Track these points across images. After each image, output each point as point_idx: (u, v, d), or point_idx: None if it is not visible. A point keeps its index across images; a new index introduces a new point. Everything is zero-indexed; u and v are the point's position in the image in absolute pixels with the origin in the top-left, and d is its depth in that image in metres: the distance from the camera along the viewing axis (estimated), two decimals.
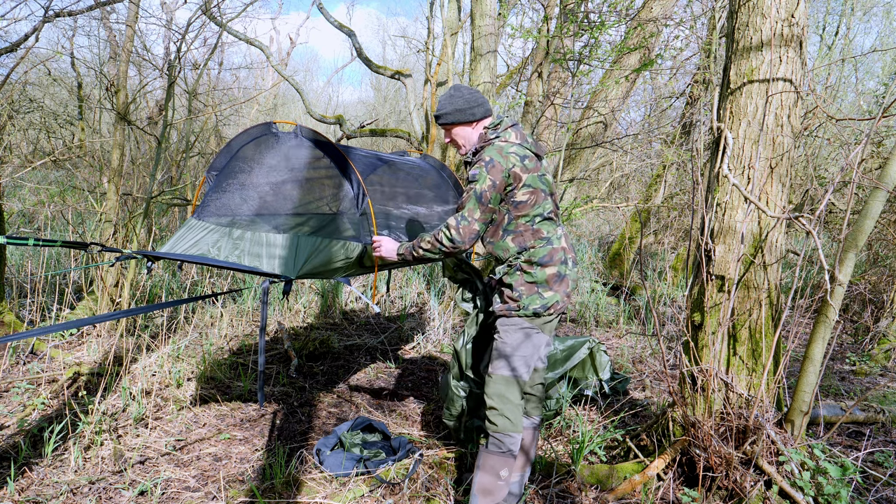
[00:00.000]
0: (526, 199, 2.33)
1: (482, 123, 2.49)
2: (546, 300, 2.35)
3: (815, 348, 2.50)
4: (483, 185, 2.29)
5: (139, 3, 4.85)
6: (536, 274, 2.35)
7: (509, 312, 2.38)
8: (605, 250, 9.36)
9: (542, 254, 2.36)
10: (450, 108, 2.46)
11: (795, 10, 2.54)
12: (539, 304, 2.34)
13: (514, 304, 2.36)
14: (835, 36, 10.53)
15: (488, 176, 2.28)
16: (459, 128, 2.48)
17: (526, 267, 2.36)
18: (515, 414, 2.35)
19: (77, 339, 4.41)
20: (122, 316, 2.79)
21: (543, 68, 6.17)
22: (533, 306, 2.34)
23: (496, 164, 2.28)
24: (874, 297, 5.72)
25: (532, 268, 2.35)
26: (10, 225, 6.81)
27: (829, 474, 2.39)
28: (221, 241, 2.91)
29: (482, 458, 2.36)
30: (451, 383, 2.96)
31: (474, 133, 2.49)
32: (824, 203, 2.42)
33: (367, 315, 5.71)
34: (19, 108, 9.44)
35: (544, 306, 2.35)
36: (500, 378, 2.37)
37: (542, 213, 2.38)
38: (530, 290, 2.35)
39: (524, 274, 2.36)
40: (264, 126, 3.16)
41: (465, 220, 2.34)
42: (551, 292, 2.36)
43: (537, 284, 2.35)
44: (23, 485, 2.58)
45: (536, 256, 2.36)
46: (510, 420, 2.33)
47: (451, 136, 2.53)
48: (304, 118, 16.24)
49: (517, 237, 2.37)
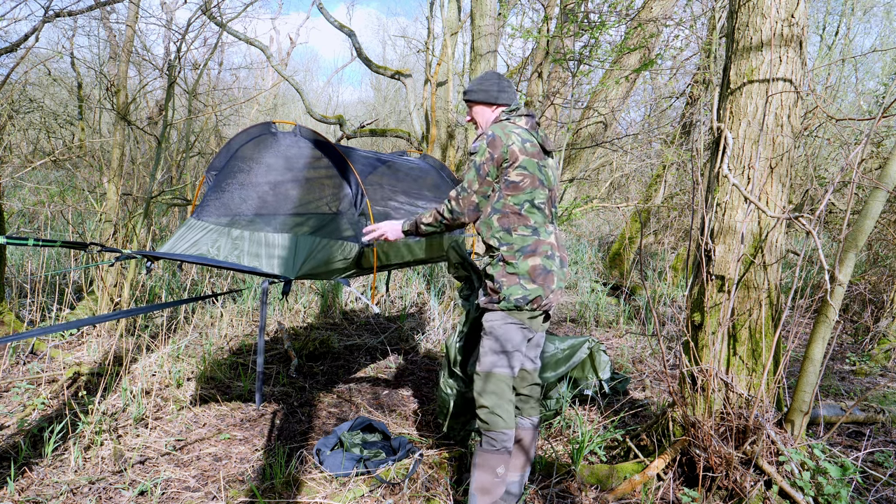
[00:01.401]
0: (518, 180, 2.33)
1: (501, 109, 2.53)
2: (528, 292, 2.31)
3: (815, 348, 2.50)
4: (482, 157, 2.33)
5: (139, 3, 4.84)
6: (518, 265, 2.32)
7: (490, 305, 2.36)
8: (605, 250, 9.36)
9: (526, 243, 2.34)
10: (476, 87, 2.55)
11: (795, 10, 2.54)
12: (520, 294, 2.31)
13: (496, 295, 2.34)
14: (835, 36, 10.52)
15: (487, 149, 2.32)
16: (480, 107, 2.55)
17: (507, 257, 2.33)
18: (506, 410, 2.32)
19: (77, 339, 4.41)
20: (122, 316, 2.79)
21: (543, 68, 6.17)
22: (514, 296, 2.30)
23: (496, 139, 2.32)
24: (874, 297, 5.72)
25: (514, 257, 2.32)
26: (10, 225, 6.81)
27: (829, 474, 2.39)
28: (221, 241, 2.91)
29: (477, 457, 2.36)
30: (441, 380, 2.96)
31: (492, 115, 2.54)
32: (824, 203, 2.42)
33: (367, 315, 5.71)
34: (19, 108, 9.44)
35: (525, 298, 2.31)
36: (486, 375, 2.36)
37: (533, 201, 2.36)
38: (511, 282, 2.32)
39: (506, 265, 2.33)
40: (263, 126, 3.16)
41: (464, 192, 2.37)
42: (534, 285, 2.32)
43: (518, 276, 2.32)
44: (23, 485, 2.57)
45: (517, 244, 2.33)
46: (501, 417, 2.31)
47: (471, 113, 2.61)
48: (305, 118, 16.24)
49: (503, 217, 2.35)
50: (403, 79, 7.54)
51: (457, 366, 2.86)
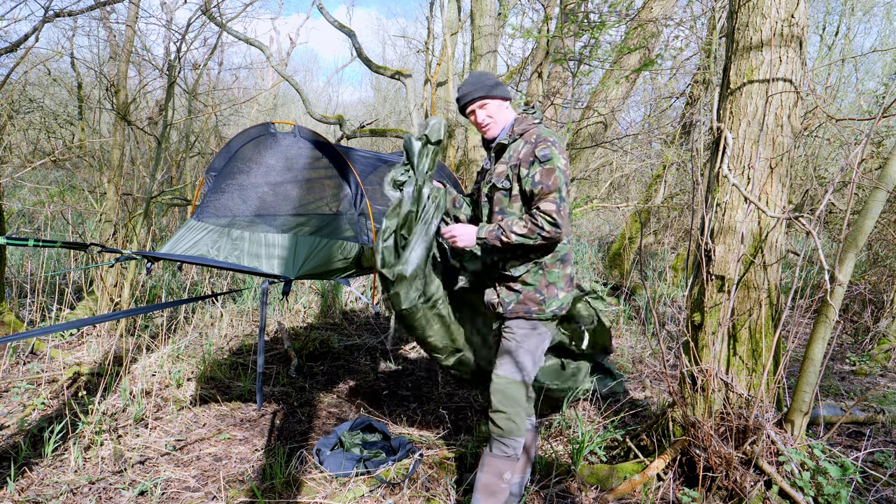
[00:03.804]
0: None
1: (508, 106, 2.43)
2: (561, 301, 2.33)
3: (815, 348, 2.50)
4: (560, 162, 2.18)
5: (139, 3, 4.84)
6: (556, 272, 2.31)
7: (528, 315, 2.31)
8: (605, 250, 9.35)
9: (565, 251, 2.34)
10: (488, 83, 2.35)
11: (795, 10, 2.54)
12: (556, 306, 2.32)
13: (537, 307, 2.30)
14: (835, 36, 10.52)
15: (560, 156, 2.19)
16: (499, 102, 2.37)
17: (550, 265, 2.30)
18: (521, 418, 2.31)
19: (77, 339, 4.41)
20: (122, 316, 2.79)
21: (543, 68, 6.17)
22: (551, 308, 2.31)
23: (559, 145, 2.22)
24: (874, 297, 5.72)
25: (555, 266, 2.31)
26: (10, 225, 6.80)
27: (829, 474, 2.39)
28: (221, 242, 2.91)
29: (486, 461, 2.33)
30: None
31: (506, 113, 2.39)
32: (824, 203, 2.41)
33: (367, 315, 5.71)
34: (19, 108, 9.44)
35: (560, 308, 2.33)
36: (509, 381, 2.30)
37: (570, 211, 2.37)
38: (551, 293, 2.31)
39: (546, 274, 2.30)
40: (263, 126, 3.16)
41: (563, 202, 2.17)
42: (564, 293, 2.34)
43: (556, 286, 2.32)
44: (23, 485, 2.57)
45: (561, 253, 2.32)
46: (516, 424, 2.29)
47: (485, 110, 2.36)
48: (305, 118, 16.24)
49: None
50: (403, 79, 7.54)
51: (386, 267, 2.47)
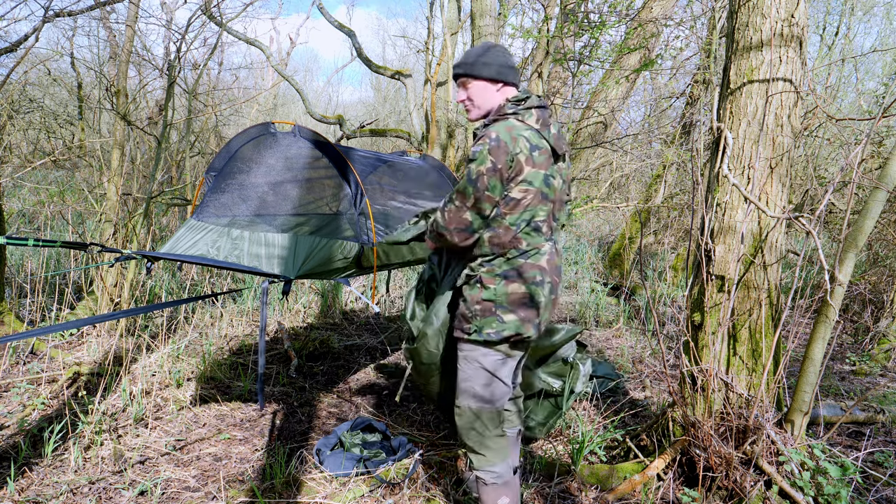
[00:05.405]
0: (520, 197, 1.95)
1: (506, 92, 2.08)
2: (504, 327, 1.95)
3: (815, 348, 2.50)
4: (482, 166, 1.89)
5: (139, 3, 4.84)
6: (497, 290, 1.95)
7: (461, 335, 2.03)
8: (605, 250, 9.35)
9: (512, 266, 1.97)
10: (475, 58, 2.03)
11: (795, 10, 2.54)
12: (492, 330, 1.95)
13: (466, 324, 2.00)
14: (835, 36, 10.52)
15: (489, 157, 1.88)
16: (480, 82, 2.04)
17: (486, 279, 1.97)
18: (488, 448, 2.09)
19: (77, 339, 4.41)
20: (122, 316, 2.79)
21: (543, 68, 6.17)
22: (486, 330, 1.96)
23: (501, 145, 1.89)
24: (874, 297, 5.72)
25: (493, 281, 1.96)
26: (10, 225, 6.81)
27: (829, 474, 2.39)
28: (221, 242, 2.92)
29: (480, 491, 2.19)
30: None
31: (494, 98, 2.06)
32: (824, 203, 2.41)
33: (367, 315, 5.71)
34: (19, 108, 9.45)
35: (498, 334, 1.95)
36: (466, 411, 2.08)
37: (531, 220, 1.98)
38: (485, 312, 1.96)
39: (483, 289, 1.97)
40: (262, 126, 3.16)
41: (452, 204, 1.96)
42: (512, 317, 1.95)
43: (496, 304, 1.95)
44: (23, 485, 2.57)
45: (500, 268, 1.97)
46: (484, 456, 2.09)
47: (466, 91, 2.08)
48: (305, 118, 16.25)
49: (494, 237, 1.98)
50: (403, 79, 7.54)
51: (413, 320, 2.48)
